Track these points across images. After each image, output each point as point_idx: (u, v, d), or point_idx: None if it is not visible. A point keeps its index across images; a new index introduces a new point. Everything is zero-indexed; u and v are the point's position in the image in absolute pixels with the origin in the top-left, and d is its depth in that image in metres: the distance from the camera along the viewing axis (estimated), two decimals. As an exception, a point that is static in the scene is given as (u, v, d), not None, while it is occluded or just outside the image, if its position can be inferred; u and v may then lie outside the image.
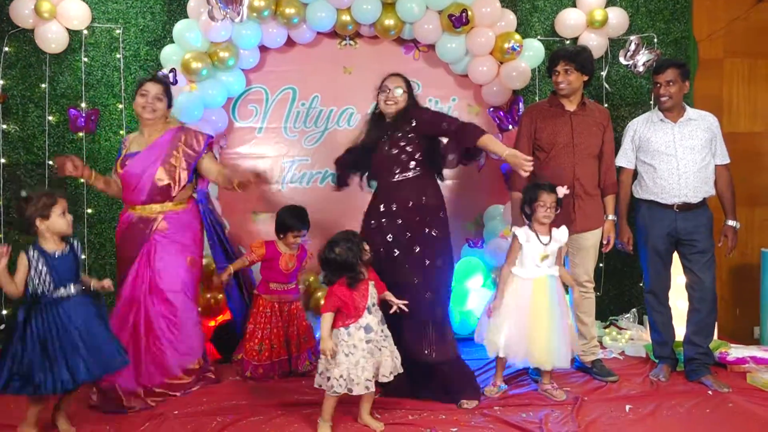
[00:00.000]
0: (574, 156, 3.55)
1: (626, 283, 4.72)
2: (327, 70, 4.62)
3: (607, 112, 3.73)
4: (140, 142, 3.40)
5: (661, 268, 3.63)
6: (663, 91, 3.51)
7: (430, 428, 2.94)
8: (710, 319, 3.56)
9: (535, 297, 3.24)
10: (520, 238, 3.29)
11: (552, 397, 3.29)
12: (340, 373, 2.83)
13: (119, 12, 4.42)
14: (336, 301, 2.89)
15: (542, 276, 3.27)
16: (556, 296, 3.27)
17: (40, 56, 4.33)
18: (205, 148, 3.42)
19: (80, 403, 3.14)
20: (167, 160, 3.34)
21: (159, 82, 3.40)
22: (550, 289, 3.27)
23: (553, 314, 3.23)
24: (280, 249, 3.75)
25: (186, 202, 3.43)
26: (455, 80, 4.70)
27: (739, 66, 4.90)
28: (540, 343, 3.21)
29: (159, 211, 3.33)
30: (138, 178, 3.31)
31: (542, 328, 3.21)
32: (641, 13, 4.73)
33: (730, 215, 3.60)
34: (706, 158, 3.51)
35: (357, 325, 2.88)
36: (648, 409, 3.15)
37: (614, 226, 3.68)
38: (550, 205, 3.24)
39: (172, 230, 3.33)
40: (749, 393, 3.35)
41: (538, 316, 3.22)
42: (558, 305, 3.27)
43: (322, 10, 4.26)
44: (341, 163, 3.62)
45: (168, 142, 3.37)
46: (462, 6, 4.23)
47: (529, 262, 3.27)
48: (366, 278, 2.96)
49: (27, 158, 4.37)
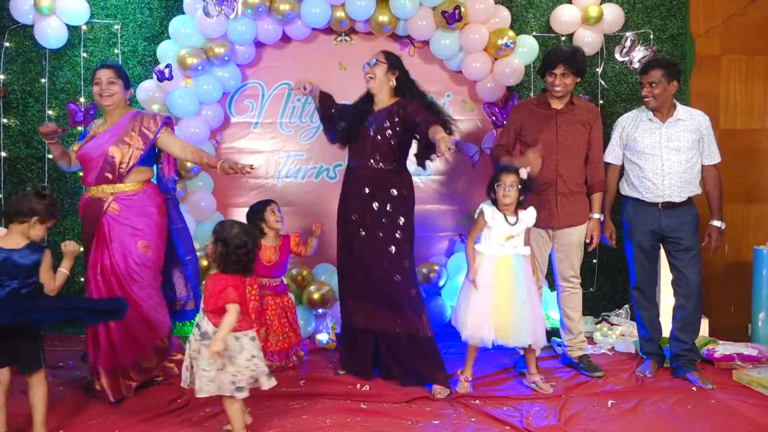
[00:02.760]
0: (557, 154, 3.57)
1: (619, 280, 4.73)
2: (323, 66, 4.64)
3: (596, 109, 3.75)
4: (102, 127, 3.45)
5: (646, 265, 3.65)
6: (646, 92, 3.52)
7: (412, 421, 2.99)
8: (696, 316, 3.58)
9: (498, 275, 3.28)
10: (486, 215, 3.32)
11: (540, 390, 3.33)
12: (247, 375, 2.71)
13: (117, 8, 4.47)
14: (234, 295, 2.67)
15: (506, 254, 3.30)
16: (522, 275, 3.30)
17: (40, 51, 4.40)
18: (162, 126, 3.43)
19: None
20: (122, 138, 3.36)
21: (109, 67, 3.44)
22: (515, 268, 3.29)
23: (518, 292, 3.26)
24: (263, 243, 3.78)
25: (141, 185, 3.42)
26: (450, 76, 4.72)
27: (736, 63, 4.87)
28: (502, 319, 3.24)
29: (110, 192, 3.35)
30: (91, 157, 3.36)
31: (505, 304, 3.24)
32: (637, 9, 4.72)
33: (716, 215, 3.61)
34: (692, 159, 3.53)
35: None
36: (630, 404, 3.19)
37: (599, 225, 3.70)
38: (509, 184, 3.26)
39: (124, 213, 3.33)
40: (734, 390, 3.37)
41: (501, 293, 3.26)
42: (524, 284, 3.29)
43: (317, 6, 4.29)
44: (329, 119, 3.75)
45: (125, 122, 3.42)
46: (455, 2, 4.25)
47: (494, 241, 3.31)
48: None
49: (27, 152, 4.45)
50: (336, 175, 4.70)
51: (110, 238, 3.31)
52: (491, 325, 3.24)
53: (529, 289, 3.30)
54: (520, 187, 3.28)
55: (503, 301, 3.25)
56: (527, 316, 3.25)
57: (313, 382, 3.49)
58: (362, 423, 2.98)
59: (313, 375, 3.60)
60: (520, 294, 3.26)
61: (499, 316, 3.24)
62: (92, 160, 3.36)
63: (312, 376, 3.58)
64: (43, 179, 4.42)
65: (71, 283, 4.47)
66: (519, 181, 3.27)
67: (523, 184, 3.29)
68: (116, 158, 3.34)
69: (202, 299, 2.76)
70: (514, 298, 3.25)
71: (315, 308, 4.34)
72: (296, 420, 3.01)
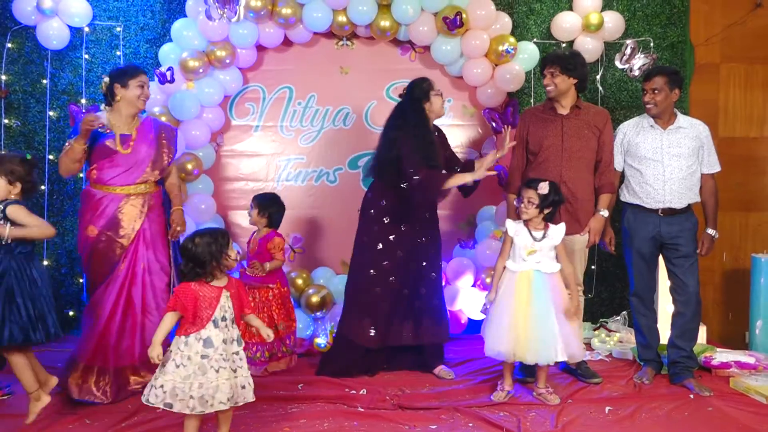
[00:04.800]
0: (562, 159, 3.56)
1: (617, 286, 4.74)
2: (324, 69, 4.67)
3: (605, 112, 3.70)
4: (122, 126, 3.42)
5: (645, 272, 3.66)
6: (648, 99, 3.53)
7: (410, 425, 2.99)
8: (694, 323, 3.58)
9: (518, 291, 3.24)
10: (508, 230, 3.31)
11: (546, 401, 3.28)
12: (162, 383, 2.54)
13: (120, 10, 4.49)
14: (176, 302, 2.59)
15: (527, 270, 3.26)
16: (544, 292, 3.22)
17: (42, 53, 4.41)
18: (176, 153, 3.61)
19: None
20: (160, 141, 3.48)
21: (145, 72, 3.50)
22: (535, 284, 3.23)
23: (538, 309, 3.19)
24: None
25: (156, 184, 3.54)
26: (451, 82, 4.73)
27: (736, 71, 4.90)
28: (520, 336, 3.19)
29: (150, 191, 3.44)
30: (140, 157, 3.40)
31: (522, 321, 3.19)
32: (638, 17, 4.74)
33: (711, 224, 3.63)
34: (692, 166, 3.54)
35: (197, 336, 2.58)
36: (628, 411, 3.19)
37: (603, 223, 3.64)
38: (528, 199, 3.25)
39: (157, 210, 3.46)
40: (730, 397, 3.37)
41: (519, 309, 3.21)
42: (546, 301, 3.21)
43: (319, 10, 4.31)
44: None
45: (150, 123, 3.51)
46: (456, 8, 4.27)
47: (517, 256, 3.29)
48: (220, 286, 2.65)
49: (28, 153, 4.45)
50: (336, 179, 4.71)
51: (150, 235, 3.39)
52: (509, 340, 3.20)
53: (555, 305, 3.22)
54: (539, 201, 3.23)
55: (521, 317, 3.20)
56: (549, 334, 3.17)
57: (310, 385, 3.49)
58: (359, 427, 2.98)
59: (310, 378, 3.60)
60: (540, 311, 3.19)
61: (516, 331, 3.19)
62: (135, 161, 3.39)
63: (310, 379, 3.58)
64: (43, 180, 4.42)
65: (69, 284, 4.49)
66: (539, 196, 3.23)
67: (545, 198, 3.24)
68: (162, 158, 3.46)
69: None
70: (533, 315, 3.19)
71: (313, 312, 4.35)
72: (294, 424, 3.01)
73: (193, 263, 2.60)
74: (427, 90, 3.59)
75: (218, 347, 2.59)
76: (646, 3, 4.74)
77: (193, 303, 2.57)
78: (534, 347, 3.19)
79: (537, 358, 3.21)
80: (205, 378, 2.55)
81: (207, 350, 2.57)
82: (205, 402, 2.55)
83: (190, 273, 2.62)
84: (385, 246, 3.60)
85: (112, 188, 3.36)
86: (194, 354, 2.56)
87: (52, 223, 4.35)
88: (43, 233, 3.04)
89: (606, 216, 3.67)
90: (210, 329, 2.58)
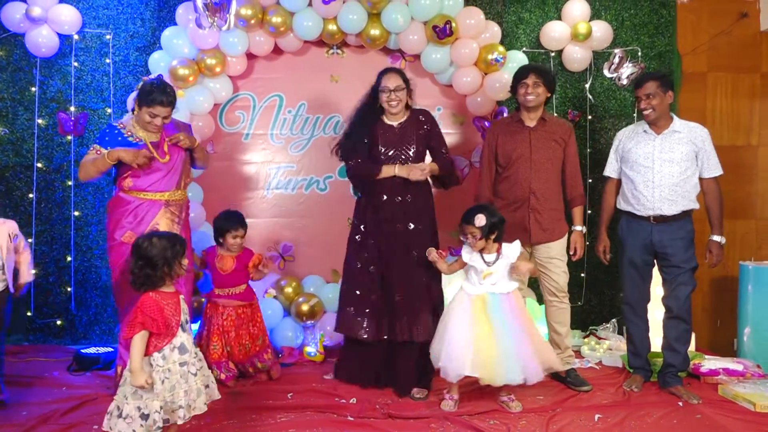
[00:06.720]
0: (530, 170, 3.60)
1: (607, 294, 4.76)
2: (314, 78, 4.68)
3: (569, 126, 3.76)
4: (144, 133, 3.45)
5: (637, 280, 3.66)
6: (644, 105, 3.53)
7: (399, 434, 2.99)
8: (687, 325, 3.57)
9: (474, 313, 3.22)
10: (464, 255, 3.31)
11: (508, 408, 3.27)
12: (161, 404, 2.48)
13: (110, 18, 4.48)
14: (142, 318, 2.49)
15: (482, 293, 3.25)
16: (502, 312, 3.21)
17: (31, 60, 4.40)
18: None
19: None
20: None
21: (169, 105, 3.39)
22: (491, 307, 3.21)
23: (500, 331, 3.16)
24: (218, 252, 3.82)
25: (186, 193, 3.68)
26: (441, 90, 4.76)
27: (723, 80, 4.96)
28: (486, 359, 3.14)
29: (183, 198, 3.58)
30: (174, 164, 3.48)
31: (485, 343, 3.15)
32: (626, 26, 4.78)
33: (716, 230, 3.56)
34: (686, 172, 3.50)
35: (171, 346, 2.54)
36: (617, 418, 3.19)
37: (582, 237, 3.73)
38: (471, 234, 3.22)
39: (187, 220, 3.63)
40: (719, 405, 3.38)
41: (480, 332, 3.17)
42: (507, 321, 3.19)
43: (309, 19, 4.32)
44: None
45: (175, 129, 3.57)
46: (446, 17, 4.29)
47: (474, 279, 3.29)
48: (175, 291, 2.65)
49: (16, 160, 4.43)
50: (326, 187, 4.71)
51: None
52: (470, 361, 3.15)
53: (518, 324, 3.20)
54: (481, 233, 3.19)
55: (483, 339, 3.16)
56: (516, 353, 3.14)
57: (300, 394, 3.47)
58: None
59: (300, 387, 3.58)
60: (503, 332, 3.16)
61: (480, 354, 3.15)
62: (176, 164, 3.48)
63: (299, 388, 3.57)
64: (32, 188, 4.40)
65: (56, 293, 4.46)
66: (479, 229, 3.19)
67: (485, 227, 3.18)
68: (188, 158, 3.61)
69: None
70: (497, 337, 3.16)
71: (303, 320, 4.34)
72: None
73: (143, 263, 2.56)
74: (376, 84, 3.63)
75: (191, 351, 2.60)
76: (634, 13, 4.79)
77: (160, 313, 2.53)
78: (504, 369, 3.13)
79: (509, 378, 3.16)
80: (188, 385, 2.56)
81: (184, 357, 2.56)
82: (189, 408, 2.56)
83: (138, 273, 2.56)
84: (361, 236, 3.64)
85: (152, 194, 3.41)
86: (172, 364, 2.54)
87: (40, 231, 4.38)
88: None
89: (583, 231, 3.73)
90: (180, 335, 2.58)
